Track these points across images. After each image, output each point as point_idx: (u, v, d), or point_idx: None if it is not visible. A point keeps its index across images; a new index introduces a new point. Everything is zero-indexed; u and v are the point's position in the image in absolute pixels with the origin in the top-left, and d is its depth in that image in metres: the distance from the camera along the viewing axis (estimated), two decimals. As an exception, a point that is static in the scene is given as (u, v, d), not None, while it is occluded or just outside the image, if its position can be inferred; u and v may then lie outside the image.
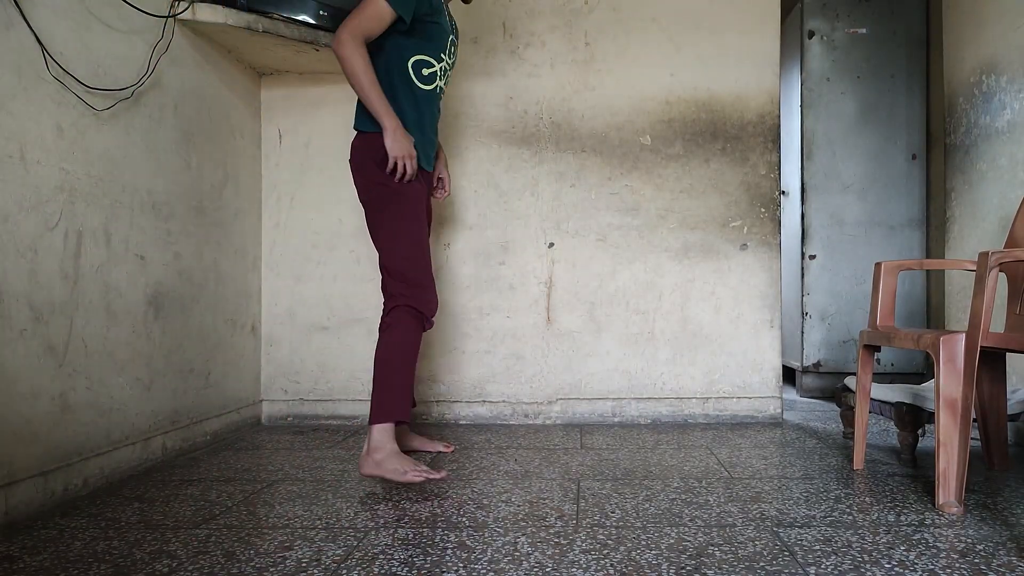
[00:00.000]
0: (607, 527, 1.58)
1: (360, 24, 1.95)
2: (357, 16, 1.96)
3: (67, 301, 1.83)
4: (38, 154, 1.74)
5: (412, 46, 2.09)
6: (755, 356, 2.90)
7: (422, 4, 2.03)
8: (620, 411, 2.90)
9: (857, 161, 3.59)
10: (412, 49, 2.09)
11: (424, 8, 2.04)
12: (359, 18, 1.96)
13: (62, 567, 1.37)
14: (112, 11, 1.99)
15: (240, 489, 1.92)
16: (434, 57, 2.13)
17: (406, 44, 2.08)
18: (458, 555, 1.42)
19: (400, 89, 2.09)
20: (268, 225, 2.94)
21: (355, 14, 1.96)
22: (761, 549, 1.43)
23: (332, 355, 2.93)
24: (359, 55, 1.95)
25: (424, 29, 2.07)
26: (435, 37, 2.10)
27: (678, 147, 2.90)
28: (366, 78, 1.95)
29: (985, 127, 2.59)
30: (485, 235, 2.91)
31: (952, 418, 1.68)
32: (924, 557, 1.38)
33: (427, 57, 2.11)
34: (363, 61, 1.95)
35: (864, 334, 2.08)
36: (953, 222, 2.79)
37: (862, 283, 3.58)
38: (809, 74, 3.61)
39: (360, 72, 1.95)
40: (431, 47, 2.11)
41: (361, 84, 1.95)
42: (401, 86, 2.09)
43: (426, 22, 2.07)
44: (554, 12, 2.91)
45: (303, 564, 1.38)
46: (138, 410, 2.12)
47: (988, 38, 2.58)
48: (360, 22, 1.95)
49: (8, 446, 1.65)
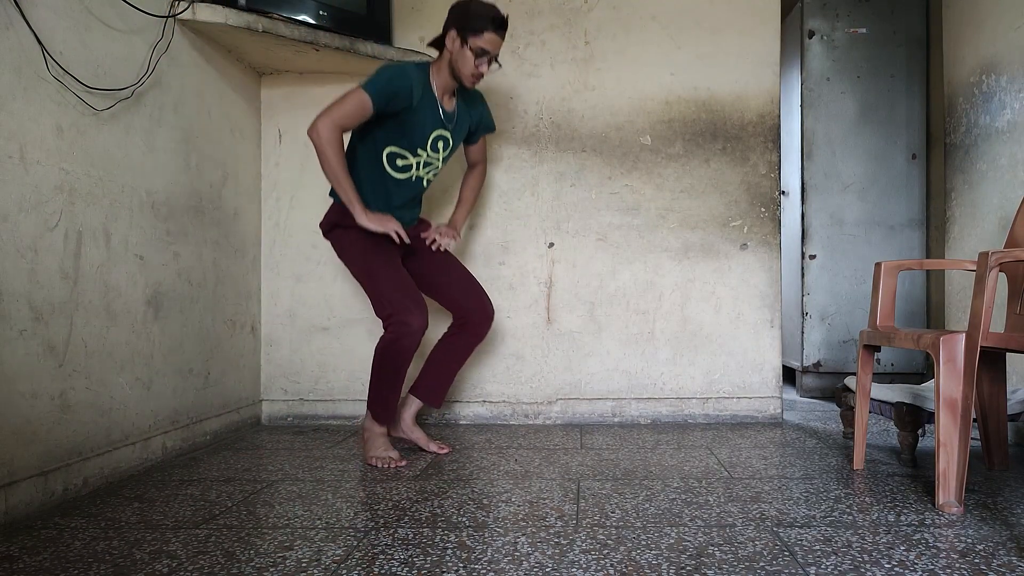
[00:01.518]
0: (607, 527, 1.58)
1: (336, 114, 2.03)
2: (335, 106, 2.04)
3: (67, 301, 1.83)
4: (38, 154, 1.74)
5: (384, 138, 2.18)
6: (755, 356, 2.90)
7: (398, 100, 2.09)
8: (620, 411, 2.90)
9: (857, 161, 3.59)
10: (384, 141, 2.18)
11: (401, 104, 2.10)
12: (337, 108, 2.04)
13: (62, 567, 1.37)
14: (112, 11, 1.99)
15: (240, 489, 1.92)
16: (408, 151, 2.21)
17: (379, 136, 2.18)
18: (458, 555, 1.42)
19: (370, 175, 2.21)
20: (268, 225, 2.94)
21: (334, 104, 2.04)
22: (761, 549, 1.43)
23: (332, 355, 2.93)
24: (333, 144, 2.03)
25: (397, 125, 2.15)
26: (409, 132, 2.17)
27: (678, 147, 2.90)
28: (337, 168, 2.05)
29: (985, 127, 2.59)
30: (485, 235, 2.91)
31: (952, 418, 1.68)
32: (924, 557, 1.38)
33: (400, 150, 2.20)
34: (334, 150, 2.04)
35: (864, 334, 2.08)
36: (953, 222, 2.79)
37: (862, 283, 3.58)
38: (809, 74, 3.61)
39: (332, 161, 2.04)
40: (405, 141, 2.18)
41: (332, 173, 2.06)
42: (371, 173, 2.21)
43: (400, 118, 2.14)
44: (554, 11, 2.91)
45: (303, 564, 1.38)
46: (138, 410, 2.12)
47: (988, 38, 2.58)
48: (337, 112, 2.03)
49: (8, 446, 1.65)
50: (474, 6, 2.12)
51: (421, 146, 2.21)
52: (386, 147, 2.18)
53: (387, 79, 2.07)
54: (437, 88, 2.21)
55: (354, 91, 2.05)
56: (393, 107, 2.09)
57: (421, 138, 2.20)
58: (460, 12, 2.13)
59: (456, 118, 2.28)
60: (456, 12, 2.14)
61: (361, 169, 2.21)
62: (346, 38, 2.57)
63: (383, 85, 2.06)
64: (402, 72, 2.10)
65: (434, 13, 2.91)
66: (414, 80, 2.12)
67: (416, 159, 2.23)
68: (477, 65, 2.13)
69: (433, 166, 2.30)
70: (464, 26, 2.10)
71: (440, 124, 2.23)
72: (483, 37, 2.10)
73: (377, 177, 2.21)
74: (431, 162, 2.27)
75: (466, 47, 2.11)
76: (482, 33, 2.10)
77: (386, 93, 2.06)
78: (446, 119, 2.24)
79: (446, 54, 2.18)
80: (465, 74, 2.15)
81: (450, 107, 2.26)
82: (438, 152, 2.27)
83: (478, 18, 2.10)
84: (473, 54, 2.12)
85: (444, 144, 2.27)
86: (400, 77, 2.09)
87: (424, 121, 2.18)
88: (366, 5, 2.67)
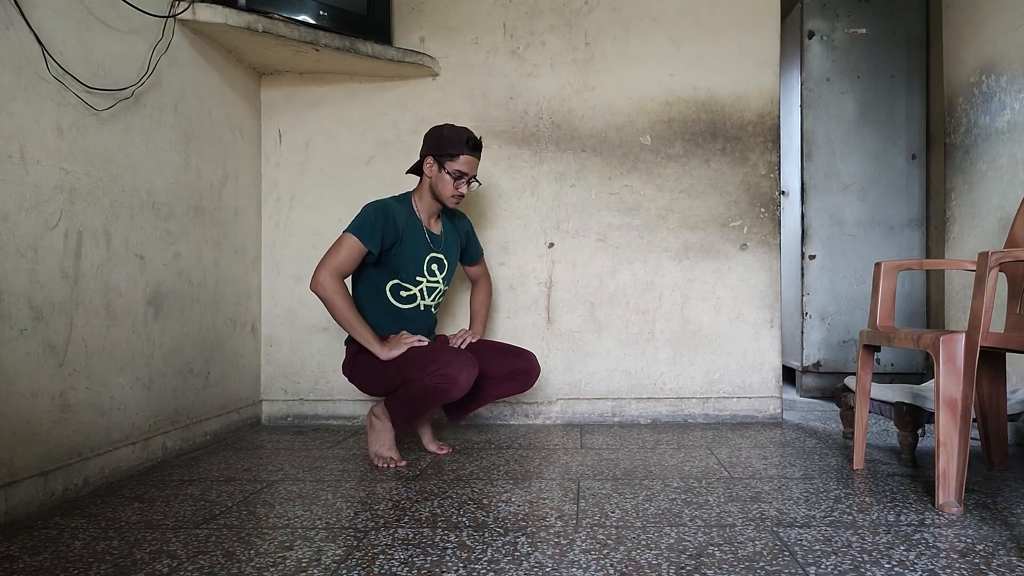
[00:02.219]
0: (607, 527, 1.58)
1: (332, 262, 2.08)
2: (330, 255, 2.10)
3: (67, 301, 1.83)
4: (38, 154, 1.74)
5: (381, 275, 2.23)
6: (755, 356, 2.90)
7: (387, 234, 2.14)
8: (620, 411, 2.90)
9: (857, 161, 3.59)
10: (382, 277, 2.23)
11: (390, 237, 2.15)
12: (332, 256, 2.09)
13: (62, 567, 1.37)
14: (112, 11, 1.99)
15: (240, 489, 1.92)
16: (408, 281, 2.25)
17: (378, 273, 2.23)
18: (458, 555, 1.42)
19: (378, 311, 2.23)
20: (268, 225, 2.94)
21: (328, 254, 2.10)
22: (761, 549, 1.43)
23: (332, 355, 2.93)
24: (338, 292, 2.08)
25: (391, 258, 2.20)
26: (404, 265, 2.22)
27: (678, 147, 2.90)
28: (348, 314, 2.09)
29: (985, 127, 2.59)
30: (485, 235, 2.91)
31: (952, 418, 1.68)
32: (924, 557, 1.38)
33: (400, 282, 2.24)
34: (342, 298, 2.08)
35: (864, 334, 2.08)
36: (953, 222, 2.79)
37: (862, 283, 3.58)
38: (809, 74, 3.61)
39: (341, 308, 2.08)
40: (402, 273, 2.23)
41: (344, 319, 2.09)
42: (379, 309, 2.24)
43: (392, 250, 2.19)
44: (554, 12, 2.91)
45: (303, 564, 1.38)
46: (138, 410, 2.12)
47: (988, 38, 2.58)
48: (333, 260, 2.09)
49: (8, 446, 1.65)
50: (447, 131, 2.20)
51: (418, 273, 2.25)
52: (386, 282, 2.23)
53: (369, 216, 2.12)
54: (421, 213, 2.27)
55: (342, 237, 2.11)
56: (386, 242, 2.14)
57: (416, 265, 2.24)
58: (434, 139, 2.21)
59: (444, 239, 2.33)
60: (431, 139, 2.22)
61: (369, 310, 2.23)
62: (346, 38, 2.58)
63: (365, 222, 2.12)
64: (382, 206, 2.15)
65: (434, 13, 2.91)
66: (395, 211, 2.17)
67: (417, 287, 2.26)
68: (456, 187, 2.20)
69: (437, 290, 2.32)
70: (440, 152, 2.18)
71: (430, 247, 2.27)
72: (459, 160, 2.18)
73: (385, 312, 2.24)
74: (433, 287, 2.31)
75: (444, 171, 2.19)
76: (458, 157, 2.17)
77: (371, 228, 2.11)
78: (434, 242, 2.29)
79: (425, 180, 2.25)
80: (446, 196, 2.21)
81: (437, 229, 2.31)
82: (436, 276, 2.30)
83: (453, 142, 2.17)
84: (451, 177, 2.19)
85: (439, 266, 2.31)
86: (381, 211, 2.14)
87: (415, 248, 2.23)
88: (366, 5, 2.67)
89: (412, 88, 2.92)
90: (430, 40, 2.91)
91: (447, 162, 2.18)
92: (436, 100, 2.92)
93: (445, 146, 2.18)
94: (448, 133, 2.19)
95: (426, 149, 2.22)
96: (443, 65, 2.91)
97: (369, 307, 2.23)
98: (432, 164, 2.20)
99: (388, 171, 2.92)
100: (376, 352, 2.09)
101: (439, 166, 2.19)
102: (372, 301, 2.24)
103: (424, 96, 2.92)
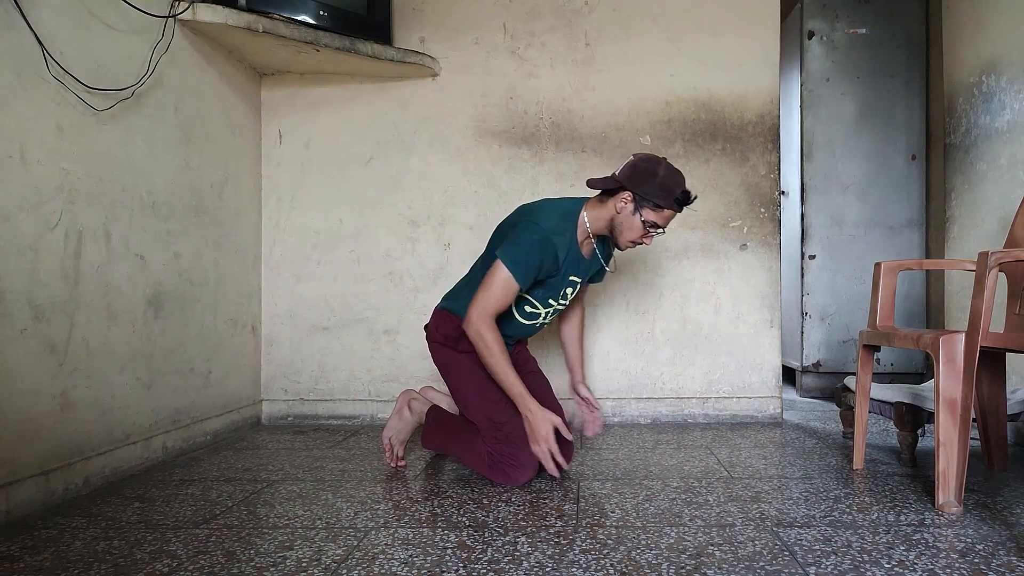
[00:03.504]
0: (607, 527, 1.58)
1: (488, 303, 1.86)
2: (487, 294, 1.87)
3: (67, 300, 1.83)
4: (38, 154, 1.74)
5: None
6: (755, 356, 2.90)
7: (544, 269, 1.92)
8: (620, 411, 2.90)
9: (857, 161, 3.59)
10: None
11: (547, 272, 1.94)
12: (487, 297, 1.87)
13: (62, 566, 1.37)
14: (112, 11, 1.99)
15: (240, 489, 1.92)
16: (540, 303, 2.05)
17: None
18: (458, 555, 1.42)
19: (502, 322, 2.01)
20: (268, 225, 2.94)
21: (482, 291, 1.87)
22: (761, 549, 1.43)
23: (332, 355, 2.93)
24: (496, 340, 1.86)
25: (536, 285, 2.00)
26: (542, 292, 2.02)
27: (678, 147, 2.90)
28: (503, 363, 1.86)
29: (985, 127, 2.59)
30: (485, 235, 2.90)
31: (952, 418, 1.68)
32: (924, 557, 1.38)
33: (533, 300, 2.04)
34: (499, 345, 1.86)
35: (864, 334, 2.08)
36: (953, 222, 2.79)
37: (862, 283, 3.58)
38: (809, 74, 3.61)
39: (496, 354, 1.85)
40: (539, 294, 2.03)
41: (498, 368, 1.87)
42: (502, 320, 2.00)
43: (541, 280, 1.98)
44: (554, 12, 2.91)
45: (303, 564, 1.38)
46: (139, 409, 2.12)
47: (988, 38, 2.58)
48: (489, 301, 1.87)
49: (9, 445, 1.65)
50: (663, 176, 1.88)
51: (554, 298, 2.05)
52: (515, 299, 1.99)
53: (530, 253, 1.87)
54: (580, 235, 1.99)
55: (499, 273, 1.86)
56: (538, 278, 1.94)
57: (555, 293, 2.04)
58: (646, 177, 1.88)
59: (588, 264, 2.08)
60: (641, 175, 1.89)
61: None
62: (346, 38, 2.58)
63: (525, 260, 1.87)
64: (545, 243, 1.89)
65: (434, 13, 2.91)
66: (558, 245, 1.91)
67: (546, 309, 2.07)
68: (643, 236, 1.95)
69: (556, 310, 2.13)
70: (645, 195, 1.88)
71: (576, 274, 2.05)
72: (662, 213, 1.91)
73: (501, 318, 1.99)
74: (560, 308, 2.12)
75: (638, 215, 1.91)
76: (662, 210, 1.90)
77: (528, 268, 1.88)
78: (580, 269, 2.05)
79: (609, 208, 1.95)
80: (624, 240, 1.96)
81: (588, 254, 2.06)
82: (567, 298, 2.10)
83: (664, 193, 1.88)
84: (644, 225, 1.92)
85: (573, 289, 2.08)
86: (542, 248, 1.89)
87: (562, 280, 2.01)
88: (366, 5, 2.67)
89: (412, 88, 2.92)
90: (430, 40, 2.91)
91: (647, 209, 1.90)
92: (436, 100, 2.92)
93: (654, 193, 1.87)
94: (663, 179, 1.87)
95: (630, 182, 1.89)
96: (443, 65, 2.91)
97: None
98: (629, 202, 1.90)
99: (388, 171, 2.92)
100: (528, 410, 1.87)
101: (636, 207, 1.90)
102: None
103: (424, 96, 2.92)
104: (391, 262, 2.93)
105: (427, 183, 2.92)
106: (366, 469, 2.14)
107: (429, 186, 2.92)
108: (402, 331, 2.92)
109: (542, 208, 1.98)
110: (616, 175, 1.93)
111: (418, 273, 2.92)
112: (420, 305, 2.91)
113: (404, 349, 2.92)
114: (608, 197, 1.96)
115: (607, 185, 1.94)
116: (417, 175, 2.92)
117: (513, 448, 1.92)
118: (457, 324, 2.01)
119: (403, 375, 2.91)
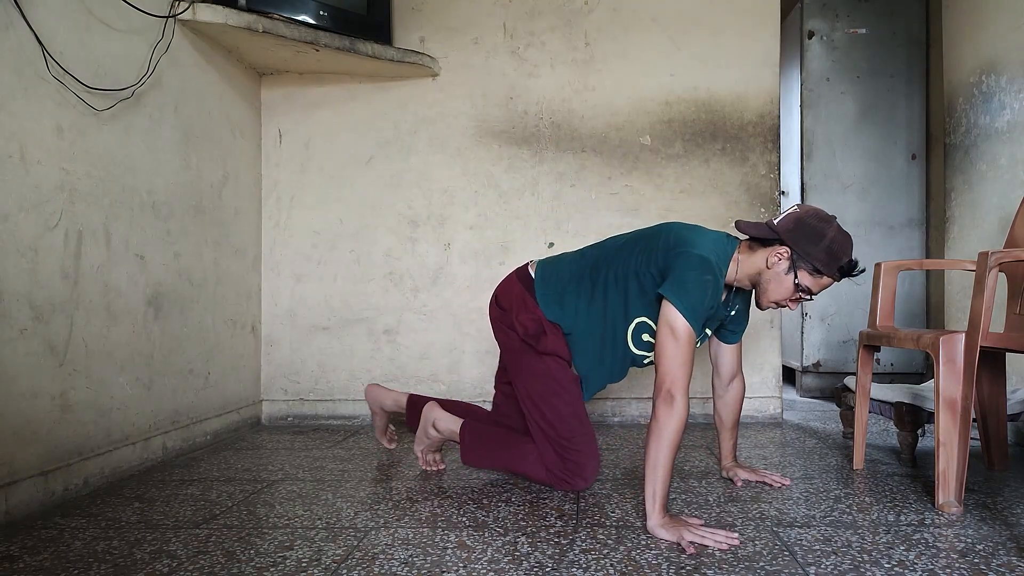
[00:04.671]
0: (607, 527, 1.58)
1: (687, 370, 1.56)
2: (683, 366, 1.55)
3: (67, 300, 1.83)
4: (38, 154, 1.74)
5: (642, 308, 1.76)
6: (755, 356, 2.90)
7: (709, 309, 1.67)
8: (620, 411, 2.90)
9: (857, 161, 3.59)
10: (640, 310, 1.76)
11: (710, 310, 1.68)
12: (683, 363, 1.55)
13: (62, 567, 1.37)
14: (112, 11, 1.99)
15: (240, 489, 1.92)
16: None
17: (639, 304, 1.75)
18: (458, 555, 1.42)
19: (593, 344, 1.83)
20: (268, 225, 2.94)
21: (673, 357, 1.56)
22: (761, 549, 1.43)
23: (332, 355, 2.93)
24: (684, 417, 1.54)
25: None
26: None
27: (678, 147, 2.90)
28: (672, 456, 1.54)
29: (985, 127, 2.59)
30: (485, 235, 2.91)
31: (952, 418, 1.68)
32: (924, 557, 1.38)
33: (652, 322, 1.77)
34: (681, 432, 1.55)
35: (864, 334, 2.08)
36: (953, 222, 2.79)
37: (862, 283, 3.58)
38: (809, 74, 3.61)
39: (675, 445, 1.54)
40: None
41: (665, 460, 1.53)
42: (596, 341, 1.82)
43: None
44: (554, 12, 2.91)
45: (303, 564, 1.38)
46: (138, 410, 2.12)
47: (988, 38, 2.58)
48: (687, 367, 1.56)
49: (9, 445, 1.65)
50: (831, 242, 1.64)
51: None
52: (638, 316, 1.77)
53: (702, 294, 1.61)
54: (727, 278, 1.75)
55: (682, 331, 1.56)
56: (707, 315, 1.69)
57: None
58: (810, 238, 1.64)
59: (721, 311, 1.82)
60: (805, 233, 1.65)
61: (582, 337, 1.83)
62: (346, 38, 2.58)
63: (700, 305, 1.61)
64: (716, 285, 1.65)
65: (434, 13, 2.91)
66: (720, 287, 1.68)
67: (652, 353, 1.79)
68: (789, 299, 1.71)
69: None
70: (806, 256, 1.65)
71: (710, 324, 1.83)
72: (819, 280, 1.68)
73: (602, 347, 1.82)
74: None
75: (791, 276, 1.67)
76: (821, 276, 1.67)
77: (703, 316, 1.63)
78: (716, 313, 1.79)
79: (759, 259, 1.70)
80: (767, 300, 1.73)
81: (724, 299, 1.81)
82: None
83: (829, 260, 1.64)
84: (795, 288, 1.68)
85: (701, 340, 1.81)
86: (715, 291, 1.65)
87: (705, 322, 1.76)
88: (366, 5, 2.67)
89: (412, 88, 2.92)
90: (430, 40, 2.91)
91: (803, 271, 1.66)
92: (436, 100, 2.92)
93: (818, 257, 1.64)
94: (831, 242, 1.63)
95: (791, 238, 1.65)
96: (443, 65, 2.91)
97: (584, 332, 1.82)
98: (785, 259, 1.67)
99: (388, 171, 2.92)
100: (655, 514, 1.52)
101: (791, 266, 1.67)
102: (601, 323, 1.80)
103: (424, 96, 2.92)
104: (391, 262, 2.93)
105: (427, 183, 2.92)
106: (366, 469, 2.14)
107: (429, 186, 2.92)
108: (402, 331, 2.92)
109: (702, 238, 1.71)
110: (774, 224, 1.69)
111: (418, 273, 2.92)
112: (420, 305, 2.91)
113: (404, 349, 2.92)
114: (759, 247, 1.72)
115: (761, 233, 1.70)
116: (417, 175, 2.92)
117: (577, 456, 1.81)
118: (541, 318, 1.84)
119: (403, 375, 2.91)
